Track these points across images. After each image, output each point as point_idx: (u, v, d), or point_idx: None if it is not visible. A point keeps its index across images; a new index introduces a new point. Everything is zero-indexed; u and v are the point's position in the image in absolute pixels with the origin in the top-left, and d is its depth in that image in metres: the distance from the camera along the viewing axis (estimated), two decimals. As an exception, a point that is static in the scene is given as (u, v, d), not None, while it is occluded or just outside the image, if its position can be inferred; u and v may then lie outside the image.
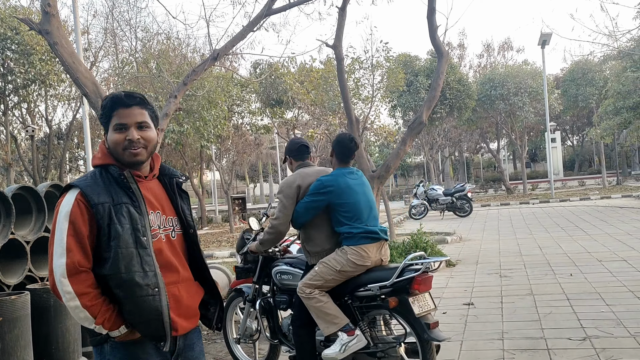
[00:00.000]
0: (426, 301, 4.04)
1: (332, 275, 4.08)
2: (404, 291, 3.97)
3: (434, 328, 3.92)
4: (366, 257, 4.10)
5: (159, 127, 2.50)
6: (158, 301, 2.30)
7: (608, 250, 10.35)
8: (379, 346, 4.10)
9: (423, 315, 3.94)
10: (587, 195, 27.26)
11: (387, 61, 20.71)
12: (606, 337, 5.29)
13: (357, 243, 4.10)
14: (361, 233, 4.12)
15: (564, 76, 36.88)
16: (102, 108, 2.36)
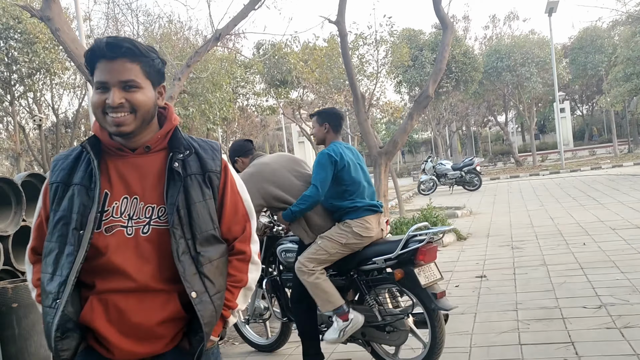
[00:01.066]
0: (432, 271, 4.05)
1: (336, 249, 4.06)
2: (409, 262, 3.97)
3: (441, 297, 3.92)
4: (370, 229, 4.12)
5: (162, 85, 1.90)
6: (51, 317, 1.80)
7: (621, 219, 10.28)
8: (387, 319, 4.11)
9: (429, 285, 3.95)
10: (598, 165, 27.07)
11: (391, 36, 20.52)
12: (622, 304, 5.25)
13: (360, 215, 4.10)
14: (365, 206, 4.14)
15: (572, 44, 36.46)
16: (85, 61, 1.82)
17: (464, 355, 4.41)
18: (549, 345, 4.42)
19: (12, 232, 5.14)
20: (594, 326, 4.74)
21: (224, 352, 5.31)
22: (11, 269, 5.14)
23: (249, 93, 23.37)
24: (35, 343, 4.51)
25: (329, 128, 4.36)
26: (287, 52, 21.75)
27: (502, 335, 4.80)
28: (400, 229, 9.13)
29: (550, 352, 4.28)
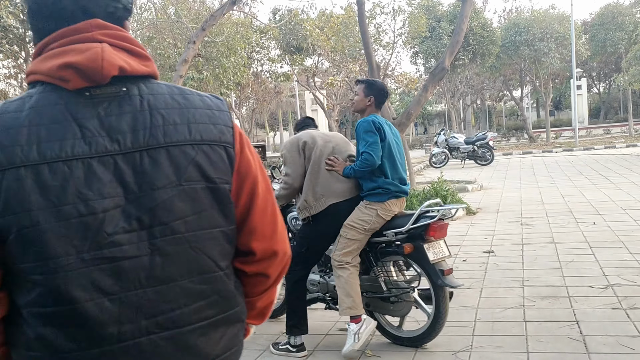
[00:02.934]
0: (441, 248, 4.07)
1: (363, 234, 4.05)
2: (419, 238, 3.99)
3: (448, 274, 3.95)
4: (392, 212, 4.11)
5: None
6: None
7: (633, 199, 10.21)
8: (392, 291, 4.14)
9: (437, 261, 3.97)
10: (612, 144, 26.81)
11: (409, 6, 20.25)
12: (629, 285, 5.25)
13: (386, 199, 4.05)
14: (395, 190, 4.08)
15: (592, 20, 35.77)
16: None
17: (469, 329, 4.44)
18: (553, 323, 4.44)
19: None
20: (600, 306, 4.75)
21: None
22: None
23: (263, 59, 23.23)
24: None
25: (372, 102, 4.24)
26: (303, 19, 21.52)
27: (507, 311, 4.82)
28: (410, 201, 9.12)
29: (555, 330, 4.29)
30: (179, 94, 1.32)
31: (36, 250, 1.14)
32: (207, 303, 1.29)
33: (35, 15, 1.27)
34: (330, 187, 4.09)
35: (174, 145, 1.23)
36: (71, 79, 1.20)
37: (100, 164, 1.17)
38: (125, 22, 1.34)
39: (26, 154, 1.14)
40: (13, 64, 22.18)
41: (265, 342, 4.59)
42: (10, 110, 1.19)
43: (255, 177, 1.37)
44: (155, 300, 1.21)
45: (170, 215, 1.22)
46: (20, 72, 22.33)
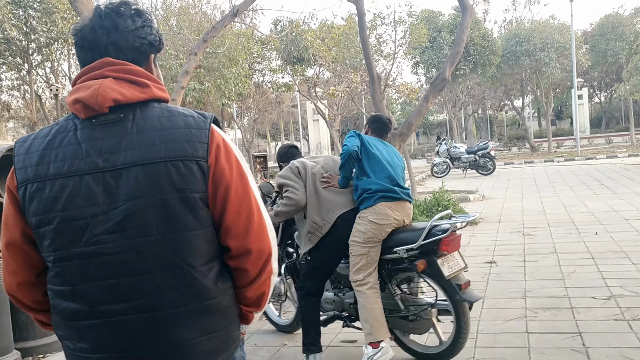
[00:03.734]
0: (456, 261, 3.95)
1: (367, 247, 3.93)
2: (432, 252, 3.87)
3: (465, 288, 3.83)
4: (388, 216, 3.97)
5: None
6: None
7: (635, 209, 10.19)
8: (410, 309, 4.04)
9: (453, 276, 3.85)
10: (614, 153, 26.80)
11: (410, 17, 20.33)
12: (632, 296, 5.23)
13: (374, 202, 3.98)
14: (380, 191, 3.99)
15: (592, 31, 35.88)
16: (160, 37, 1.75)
17: (471, 341, 4.41)
18: (556, 335, 4.42)
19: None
20: (603, 317, 4.73)
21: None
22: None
23: (265, 69, 23.29)
24: (46, 312, 4.54)
25: (368, 129, 4.40)
26: (304, 30, 21.59)
27: (509, 322, 4.80)
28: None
29: (557, 342, 4.27)
30: (166, 116, 1.57)
31: (46, 244, 1.54)
32: (179, 295, 1.53)
33: (78, 47, 1.62)
34: (333, 201, 4.06)
35: (149, 163, 1.50)
36: (80, 110, 1.55)
37: (92, 179, 1.50)
38: (151, 55, 1.66)
39: (34, 172, 1.53)
40: (16, 76, 22.24)
41: (267, 354, 4.58)
42: (40, 135, 1.60)
43: (228, 183, 1.57)
44: (131, 288, 1.51)
45: (143, 221, 1.49)
46: (24, 84, 22.41)
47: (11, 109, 24.83)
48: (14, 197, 1.58)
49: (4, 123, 29.72)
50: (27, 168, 1.54)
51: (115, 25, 1.60)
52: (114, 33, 1.59)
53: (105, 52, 1.58)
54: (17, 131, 36.54)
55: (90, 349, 1.55)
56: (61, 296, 1.56)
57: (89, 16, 1.63)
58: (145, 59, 1.65)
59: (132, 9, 1.65)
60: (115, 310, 1.51)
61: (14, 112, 25.51)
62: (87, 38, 1.60)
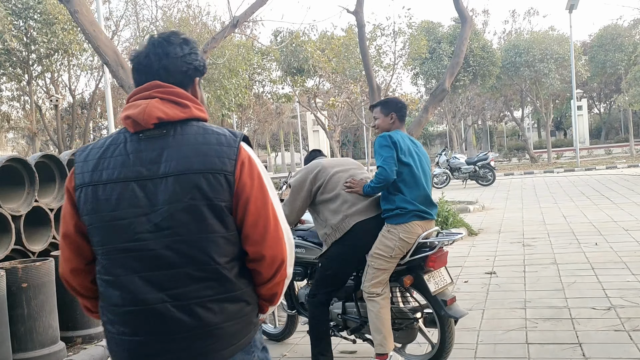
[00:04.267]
0: (442, 277, 3.97)
1: (389, 262, 3.86)
2: (419, 268, 3.89)
3: (451, 304, 3.85)
4: (416, 234, 3.88)
5: None
6: None
7: (635, 219, 10.18)
8: (396, 321, 4.04)
9: (439, 291, 3.87)
10: (613, 164, 26.82)
11: (409, 28, 20.41)
12: (632, 306, 5.21)
13: (407, 220, 3.85)
14: (413, 210, 3.87)
15: (591, 42, 36.03)
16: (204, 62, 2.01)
17: (470, 352, 4.40)
18: (556, 346, 4.40)
19: (24, 212, 5.18)
20: (603, 328, 4.71)
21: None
22: (22, 249, 5.19)
23: (265, 80, 23.36)
24: (43, 323, 4.56)
25: (395, 118, 4.10)
26: (304, 41, 21.68)
27: (509, 333, 4.78)
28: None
29: (557, 353, 4.26)
30: (202, 134, 1.81)
31: (96, 240, 1.81)
32: (205, 286, 1.77)
33: (134, 71, 1.90)
34: (352, 206, 3.93)
35: (184, 174, 1.74)
36: (130, 125, 1.81)
37: (137, 185, 1.76)
38: (196, 78, 1.93)
39: (90, 177, 1.80)
40: (16, 87, 22.28)
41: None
42: (96, 146, 1.87)
43: (248, 196, 1.80)
44: (167, 280, 1.75)
45: (177, 223, 1.74)
46: (24, 95, 22.46)
47: (11, 119, 24.87)
48: (71, 197, 1.86)
49: (4, 134, 29.75)
50: (84, 174, 1.82)
51: (167, 52, 1.86)
52: (165, 59, 1.86)
53: (156, 76, 1.85)
54: (16, 142, 36.58)
55: (129, 332, 1.79)
56: (107, 285, 1.81)
57: (144, 44, 1.90)
58: (190, 81, 1.91)
59: (181, 38, 1.91)
60: (152, 299, 1.75)
61: (14, 123, 25.55)
62: (143, 63, 1.87)
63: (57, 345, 4.68)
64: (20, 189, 5.29)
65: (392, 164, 3.83)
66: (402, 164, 3.90)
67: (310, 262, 4.44)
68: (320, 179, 4.06)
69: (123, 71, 7.35)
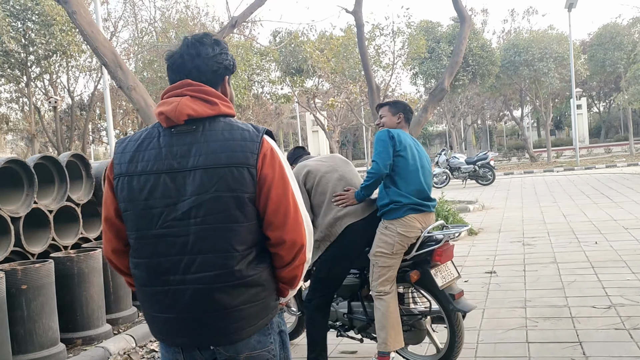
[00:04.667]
0: (449, 271, 3.94)
1: (392, 259, 3.84)
2: (425, 263, 3.87)
3: (459, 298, 3.82)
4: (415, 228, 3.87)
5: None
6: None
7: (635, 218, 10.18)
8: (404, 320, 4.00)
9: (447, 286, 3.84)
10: (613, 163, 26.82)
11: (408, 27, 20.42)
12: (632, 305, 5.21)
13: (403, 214, 3.84)
14: (408, 203, 3.85)
15: (591, 41, 36.03)
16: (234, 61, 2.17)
17: (471, 351, 4.39)
18: (556, 344, 4.39)
19: (23, 214, 5.17)
20: (603, 326, 4.71)
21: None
22: (21, 251, 5.18)
23: (264, 81, 23.33)
24: (43, 325, 4.55)
25: (402, 119, 4.12)
26: (303, 41, 21.69)
27: (509, 332, 4.78)
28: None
29: (557, 352, 4.25)
30: (228, 129, 1.96)
31: (129, 225, 1.99)
32: (225, 272, 1.92)
33: (169, 70, 2.06)
34: (343, 209, 3.91)
35: (211, 167, 1.90)
36: (163, 120, 1.98)
37: (168, 177, 1.93)
38: (226, 77, 2.09)
39: (126, 168, 1.98)
40: (15, 88, 22.28)
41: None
42: (133, 139, 2.04)
43: (270, 185, 1.94)
44: (190, 264, 1.92)
45: (203, 212, 1.90)
46: (22, 96, 22.46)
47: (10, 121, 24.88)
48: (111, 184, 2.03)
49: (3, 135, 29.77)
50: (122, 164, 1.99)
51: (199, 52, 2.02)
52: (197, 59, 2.01)
53: (189, 74, 2.01)
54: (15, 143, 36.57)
55: (159, 310, 1.99)
56: (136, 266, 2.00)
57: (178, 44, 2.06)
58: (221, 79, 2.07)
59: (212, 40, 2.06)
60: (178, 280, 1.93)
61: (12, 125, 25.57)
62: (177, 63, 2.03)
63: (57, 347, 4.68)
64: (19, 190, 5.28)
65: (385, 158, 3.84)
66: (399, 157, 3.89)
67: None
68: (309, 182, 4.01)
69: (121, 72, 7.34)
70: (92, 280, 5.17)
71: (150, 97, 8.30)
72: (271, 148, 1.97)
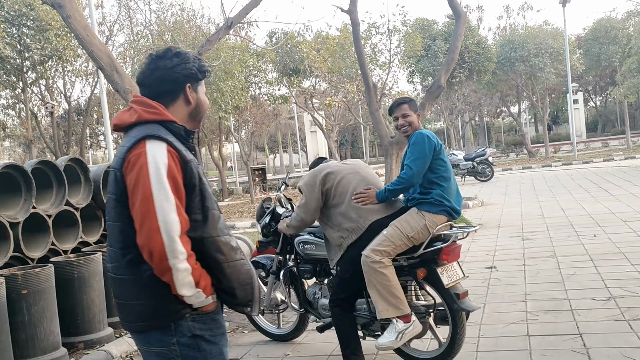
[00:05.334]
0: (455, 270, 3.96)
1: (402, 241, 3.80)
2: (432, 262, 3.88)
3: (463, 298, 3.85)
4: (436, 227, 3.87)
5: None
6: (248, 265, 2.24)
7: (633, 210, 10.20)
8: None
9: (452, 285, 3.86)
10: (610, 156, 26.86)
11: (404, 25, 20.41)
12: (631, 296, 5.22)
13: (438, 211, 3.86)
14: (447, 205, 3.88)
15: (586, 35, 36.04)
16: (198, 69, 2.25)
17: (472, 345, 4.41)
18: (557, 337, 4.41)
19: (22, 219, 5.18)
20: (603, 318, 4.72)
21: (232, 340, 5.36)
22: (21, 256, 5.18)
23: (261, 82, 23.31)
24: (44, 330, 4.56)
25: (420, 116, 4.14)
26: (299, 41, 21.68)
27: (510, 326, 4.79)
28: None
29: (558, 344, 4.27)
30: (127, 136, 2.15)
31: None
32: (117, 265, 2.15)
33: (138, 85, 2.26)
34: (365, 207, 3.92)
35: (111, 170, 2.16)
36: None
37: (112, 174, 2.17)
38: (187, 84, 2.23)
39: None
40: (11, 94, 22.25)
41: (268, 364, 4.56)
42: None
43: (132, 191, 2.06)
44: (109, 255, 2.20)
45: (107, 209, 2.20)
46: (19, 102, 22.44)
47: (7, 127, 24.86)
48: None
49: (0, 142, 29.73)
50: None
51: (157, 66, 2.20)
52: (157, 72, 2.20)
53: (150, 87, 2.21)
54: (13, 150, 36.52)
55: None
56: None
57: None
58: (182, 87, 2.22)
59: (173, 53, 2.23)
60: (107, 268, 2.24)
61: (9, 131, 25.55)
62: (140, 78, 2.24)
63: (59, 351, 4.68)
64: (18, 196, 5.28)
65: (422, 166, 3.84)
66: (440, 160, 3.92)
67: (320, 259, 4.41)
68: (329, 182, 4.03)
69: (118, 75, 7.35)
70: (92, 284, 5.17)
71: (147, 100, 8.31)
72: (140, 152, 2.06)
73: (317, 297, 4.54)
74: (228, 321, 5.96)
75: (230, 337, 5.45)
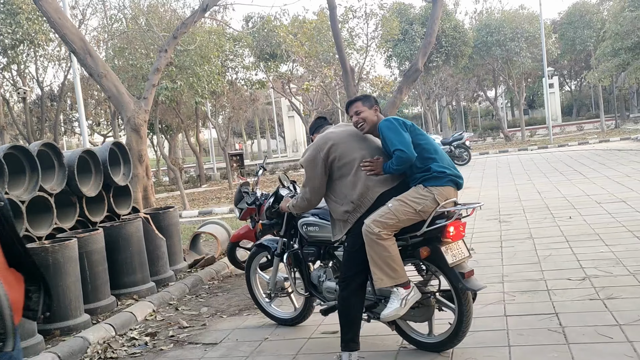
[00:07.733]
0: (460, 249, 3.87)
1: (408, 215, 3.70)
2: (436, 240, 3.79)
3: (469, 277, 3.77)
4: (447, 198, 3.80)
5: None
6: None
7: (607, 192, 10.35)
8: None
9: (457, 264, 3.78)
10: (585, 140, 27.21)
11: (381, 9, 20.40)
12: (605, 276, 5.31)
13: (445, 183, 3.80)
14: (450, 174, 3.83)
15: (561, 20, 36.37)
16: None
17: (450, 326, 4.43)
18: (533, 317, 4.47)
19: (27, 198, 5.15)
20: (578, 297, 4.79)
21: (210, 325, 5.34)
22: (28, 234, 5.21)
23: (238, 67, 23.11)
24: (20, 315, 4.49)
25: (378, 110, 4.05)
26: (276, 26, 21.55)
27: (488, 306, 4.84)
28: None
29: (535, 323, 4.32)
30: None
31: None
32: None
33: None
34: (372, 179, 3.83)
35: None
36: None
37: None
38: None
39: None
40: None
41: (248, 348, 4.56)
42: None
43: None
44: None
45: None
46: None
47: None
48: None
49: (-28, 129, 29.09)
50: None
51: None
52: None
53: None
54: (-14, 137, 35.81)
55: None
56: None
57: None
58: None
59: None
60: None
61: (-19, 117, 25.00)
62: None
63: (34, 338, 4.63)
64: (22, 176, 5.25)
65: (408, 144, 3.76)
66: (420, 135, 3.92)
67: (324, 242, 4.34)
68: (332, 153, 3.92)
69: (91, 59, 7.22)
70: (68, 270, 5.10)
71: (122, 85, 8.18)
72: None
73: (322, 280, 4.46)
74: (206, 306, 5.95)
75: (208, 322, 5.44)
